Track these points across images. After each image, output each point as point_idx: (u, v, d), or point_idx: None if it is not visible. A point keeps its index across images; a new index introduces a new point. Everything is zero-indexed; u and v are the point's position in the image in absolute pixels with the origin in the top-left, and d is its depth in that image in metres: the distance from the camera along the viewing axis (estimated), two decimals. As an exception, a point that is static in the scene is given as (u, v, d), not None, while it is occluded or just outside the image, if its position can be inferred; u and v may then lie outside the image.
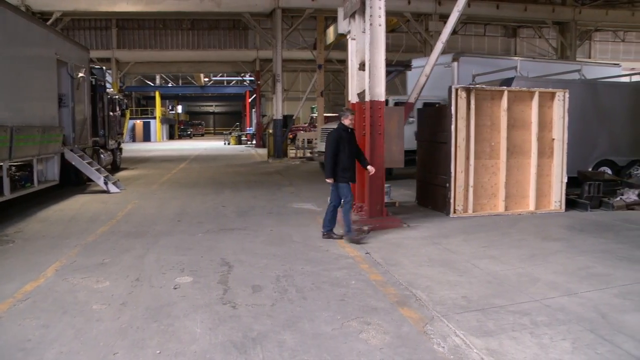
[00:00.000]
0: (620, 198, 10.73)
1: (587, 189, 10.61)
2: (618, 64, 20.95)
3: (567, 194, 10.45)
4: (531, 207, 10.08)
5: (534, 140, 9.97)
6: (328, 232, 8.10)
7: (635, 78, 16.18)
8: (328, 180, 7.91)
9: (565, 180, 10.29)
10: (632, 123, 13.90)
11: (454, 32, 28.91)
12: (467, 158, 9.58)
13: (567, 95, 10.18)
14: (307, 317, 4.81)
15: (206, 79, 60.53)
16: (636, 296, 5.34)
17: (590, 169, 13.05)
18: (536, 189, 10.06)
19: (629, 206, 10.53)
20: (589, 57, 35.17)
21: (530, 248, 7.36)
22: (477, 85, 10.68)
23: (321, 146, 15.84)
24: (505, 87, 10.27)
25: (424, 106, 12.82)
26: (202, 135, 78.67)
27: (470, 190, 9.65)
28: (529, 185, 10.06)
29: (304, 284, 5.79)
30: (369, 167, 8.15)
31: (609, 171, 13.63)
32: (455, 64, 14.95)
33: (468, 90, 9.57)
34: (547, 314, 4.83)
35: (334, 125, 8.39)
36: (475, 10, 24.99)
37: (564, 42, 27.95)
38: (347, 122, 7.98)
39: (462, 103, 9.44)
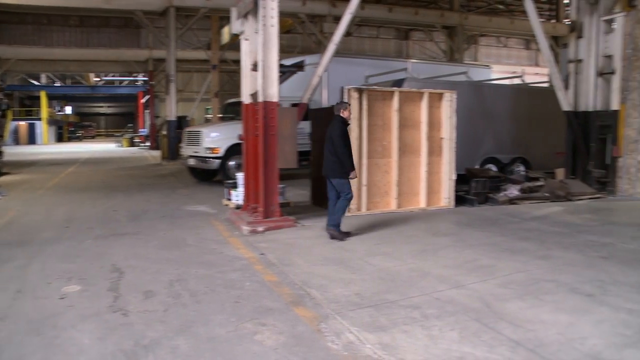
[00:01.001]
0: (504, 193, 11.31)
1: (474, 186, 11.11)
2: (488, 66, 22.13)
3: (456, 191, 10.88)
4: (422, 204, 10.42)
5: (424, 139, 10.31)
6: (331, 228, 8.00)
7: (517, 81, 17.09)
8: (352, 176, 7.89)
9: (454, 177, 10.72)
10: (514, 123, 14.73)
11: (349, 33, 29.42)
12: (360, 157, 9.76)
13: (454, 96, 10.60)
14: (201, 321, 4.71)
15: (97, 79, 58.20)
16: (517, 285, 5.63)
17: (477, 167, 13.67)
18: (427, 187, 10.41)
19: (512, 201, 11.13)
20: (476, 60, 36.84)
21: (421, 244, 7.60)
22: (370, 86, 10.93)
23: (188, 150, 15.27)
24: (396, 88, 10.54)
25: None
26: (93, 137, 75.71)
27: (364, 189, 9.84)
28: (420, 183, 10.39)
29: (198, 287, 5.67)
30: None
31: (494, 168, 14.35)
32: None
33: (360, 91, 9.75)
34: (437, 307, 4.99)
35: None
36: (369, 13, 25.51)
37: (452, 46, 29.13)
38: (346, 114, 8.08)
39: (354, 103, 9.61)
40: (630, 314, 4.81)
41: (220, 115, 16.83)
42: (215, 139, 14.47)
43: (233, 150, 14.18)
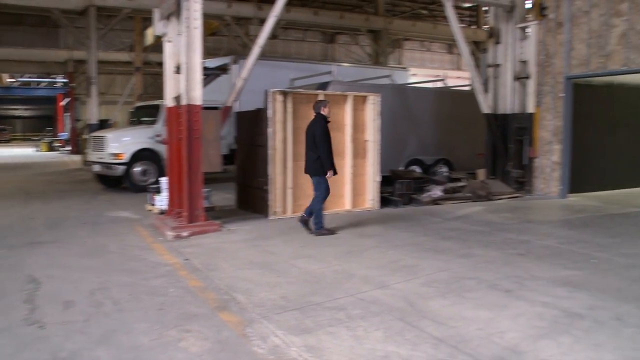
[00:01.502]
0: (428, 194, 11.58)
1: (398, 187, 11.33)
2: (406, 68, 22.66)
3: (381, 192, 11.05)
4: (348, 206, 10.53)
5: (349, 141, 10.42)
6: (319, 230, 8.33)
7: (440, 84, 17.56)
8: (329, 174, 8.29)
9: (379, 179, 10.88)
10: (437, 125, 15.12)
11: (275, 36, 29.34)
12: (285, 160, 9.77)
13: (379, 99, 10.76)
14: (124, 330, 4.59)
15: (11, 80, 55.65)
16: (439, 283, 5.78)
17: (401, 168, 13.94)
18: (352, 189, 10.53)
19: (435, 201, 11.41)
20: (400, 64, 37.53)
21: (346, 245, 7.67)
22: (295, 89, 10.96)
23: (93, 156, 14.75)
24: (321, 91, 10.62)
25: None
26: (8, 141, 72.15)
27: (289, 191, 9.86)
28: (345, 185, 10.50)
29: (121, 295, 5.53)
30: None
31: (418, 169, 14.69)
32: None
33: (284, 94, 9.76)
34: (362, 307, 5.06)
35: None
36: (295, 16, 25.55)
37: (377, 49, 29.58)
38: (326, 111, 8.44)
39: (279, 106, 9.61)
40: (545, 306, 5.05)
41: (134, 120, 16.13)
42: (120, 144, 13.96)
43: (139, 156, 13.88)
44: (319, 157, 8.20)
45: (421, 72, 32.69)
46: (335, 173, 8.45)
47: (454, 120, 15.40)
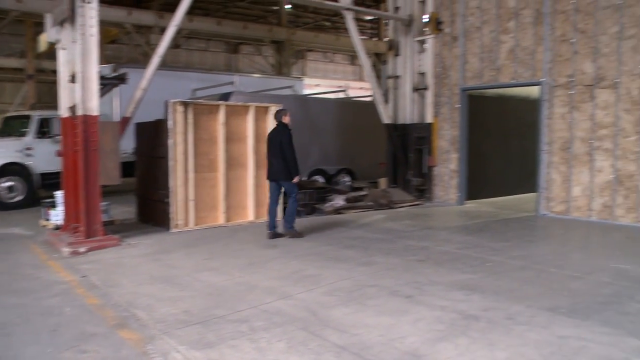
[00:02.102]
0: (331, 204, 11.75)
1: (301, 197, 11.39)
2: (300, 78, 22.95)
3: (284, 203, 11.07)
4: (251, 217, 10.50)
5: (251, 152, 10.40)
6: (290, 229, 8.97)
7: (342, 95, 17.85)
8: (297, 179, 8.86)
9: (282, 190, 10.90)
10: (339, 135, 15.37)
11: (177, 45, 28.88)
12: (186, 172, 9.62)
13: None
14: (11, 356, 4.35)
15: None
16: (341, 292, 5.87)
17: (304, 178, 14.05)
18: (255, 200, 10.50)
19: (338, 210, 11.59)
20: (304, 75, 37.88)
21: (249, 257, 7.64)
22: (196, 100, 10.83)
23: None
24: (222, 102, 10.54)
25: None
26: None
27: (191, 203, 9.71)
28: (248, 196, 10.46)
29: (9, 318, 5.23)
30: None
31: (321, 179, 14.86)
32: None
33: (185, 104, 9.62)
34: (265, 319, 5.06)
35: None
36: (197, 26, 25.19)
37: (280, 60, 29.72)
38: (287, 120, 8.93)
39: (179, 117, 9.46)
40: (443, 310, 5.25)
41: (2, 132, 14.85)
42: None
43: (5, 171, 12.97)
44: (287, 164, 8.72)
45: (324, 83, 33.15)
46: (300, 178, 9.12)
47: (356, 130, 15.71)
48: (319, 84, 31.00)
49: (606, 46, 10.23)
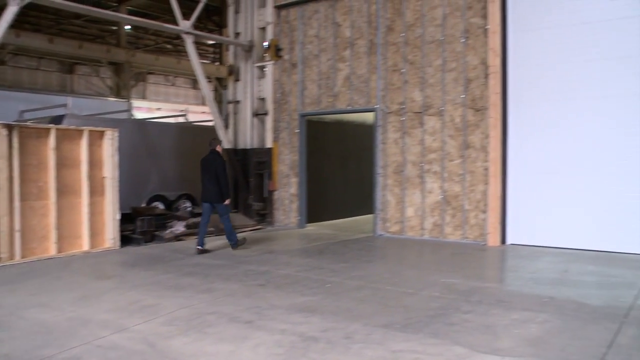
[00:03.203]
0: (170, 230, 11.49)
1: (140, 224, 11.05)
2: (127, 100, 22.54)
3: (122, 231, 10.69)
4: (86, 246, 9.98)
5: (85, 179, 9.92)
6: (235, 244, 10.13)
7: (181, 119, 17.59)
8: (228, 202, 10.08)
9: (118, 217, 10.51)
10: (179, 160, 15.10)
11: (2, 62, 27.00)
12: (12, 200, 8.95)
13: (117, 134, 10.46)
14: None
15: None
16: (180, 321, 5.76)
17: (143, 205, 13.63)
18: (90, 228, 10.01)
19: (178, 237, 11.37)
20: (144, 98, 36.86)
21: (82, 289, 7.24)
22: (23, 122, 10.15)
23: None
24: (53, 125, 9.97)
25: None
26: None
27: (17, 234, 9.01)
28: (82, 224, 9.95)
29: None
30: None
31: (161, 205, 14.49)
32: None
33: (10, 127, 8.98)
34: (99, 355, 4.82)
35: None
36: (26, 42, 23.66)
37: (119, 82, 28.74)
38: (219, 149, 10.30)
39: (3, 141, 8.80)
40: (283, 333, 5.32)
41: None
42: None
43: None
44: (221, 188, 9.83)
45: (166, 107, 32.45)
46: (230, 200, 10.40)
47: (196, 155, 15.37)
48: (160, 107, 30.33)
49: (432, 77, 11.10)
